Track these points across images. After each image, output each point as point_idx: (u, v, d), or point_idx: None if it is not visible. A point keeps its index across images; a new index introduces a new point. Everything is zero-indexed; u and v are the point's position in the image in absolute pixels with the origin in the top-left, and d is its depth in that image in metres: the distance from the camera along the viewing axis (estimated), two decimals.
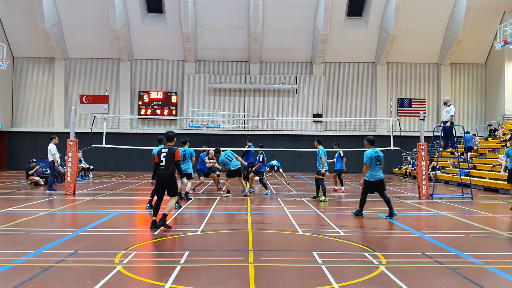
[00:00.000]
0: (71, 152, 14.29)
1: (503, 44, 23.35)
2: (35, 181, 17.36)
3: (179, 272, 5.49)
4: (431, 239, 7.60)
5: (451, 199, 14.06)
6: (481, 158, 22.08)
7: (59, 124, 29.35)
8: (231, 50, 29.49)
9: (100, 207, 11.50)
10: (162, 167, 8.23)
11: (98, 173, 25.50)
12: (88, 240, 7.32)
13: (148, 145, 27.23)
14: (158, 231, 8.10)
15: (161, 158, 8.24)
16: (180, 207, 11.23)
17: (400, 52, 29.18)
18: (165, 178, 8.23)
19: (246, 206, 11.70)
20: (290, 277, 5.36)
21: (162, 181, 8.26)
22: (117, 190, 15.87)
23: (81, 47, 29.16)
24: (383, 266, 5.81)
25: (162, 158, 8.24)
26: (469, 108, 30.30)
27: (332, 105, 30.23)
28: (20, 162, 28.92)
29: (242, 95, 29.72)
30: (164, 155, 8.25)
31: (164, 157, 8.23)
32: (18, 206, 11.43)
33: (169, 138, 8.51)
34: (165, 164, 8.21)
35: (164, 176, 8.23)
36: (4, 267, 5.59)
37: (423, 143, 14.26)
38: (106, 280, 5.11)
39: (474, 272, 5.65)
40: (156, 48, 29.36)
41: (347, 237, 7.67)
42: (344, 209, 11.64)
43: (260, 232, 8.16)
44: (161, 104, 29.59)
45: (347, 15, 28.39)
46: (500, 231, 8.51)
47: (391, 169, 29.10)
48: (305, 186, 18.45)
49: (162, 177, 8.24)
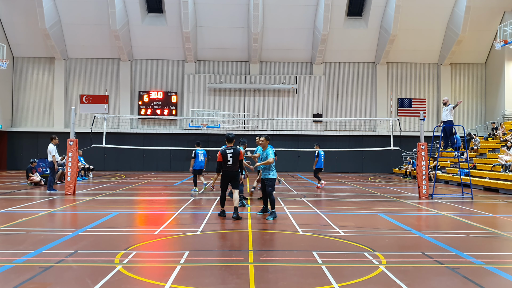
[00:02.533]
0: (71, 152, 14.29)
1: (503, 44, 23.34)
2: (36, 181, 17.36)
3: (179, 272, 5.49)
4: (431, 239, 7.60)
5: (451, 199, 14.05)
6: (481, 158, 22.09)
7: (59, 124, 29.35)
8: (231, 50, 29.49)
9: (100, 207, 11.50)
10: (230, 165, 9.57)
11: (98, 173, 25.49)
12: (88, 240, 7.32)
13: (148, 145, 27.32)
14: (158, 231, 8.11)
15: (228, 158, 9.55)
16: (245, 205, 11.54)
17: (400, 52, 29.18)
18: (232, 174, 9.63)
19: (246, 206, 11.69)
20: (290, 277, 5.36)
21: (229, 176, 9.64)
22: (117, 190, 15.87)
23: (81, 47, 29.16)
24: (383, 266, 5.82)
25: (229, 158, 9.56)
26: (469, 108, 30.29)
27: (332, 105, 30.23)
28: (20, 162, 28.92)
29: (242, 95, 29.72)
30: (231, 155, 9.55)
31: (231, 156, 9.56)
32: (18, 206, 11.43)
33: (229, 140, 9.82)
34: (232, 162, 9.56)
35: (231, 172, 9.62)
36: (4, 267, 5.59)
37: (423, 143, 14.26)
38: (106, 280, 5.11)
39: (474, 272, 5.65)
40: (156, 48, 29.36)
41: (347, 237, 7.67)
42: (344, 209, 11.63)
43: (260, 232, 8.16)
44: (161, 104, 29.58)
45: (347, 15, 28.39)
46: (500, 231, 8.51)
47: (391, 169, 29.11)
48: (305, 186, 18.43)
49: (229, 173, 9.62)
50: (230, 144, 9.78)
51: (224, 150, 9.67)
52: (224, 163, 9.60)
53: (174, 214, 10.16)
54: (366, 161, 29.70)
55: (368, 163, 29.70)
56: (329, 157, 28.88)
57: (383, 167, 29.50)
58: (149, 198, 14.31)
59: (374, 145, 24.40)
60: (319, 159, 17.33)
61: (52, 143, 14.88)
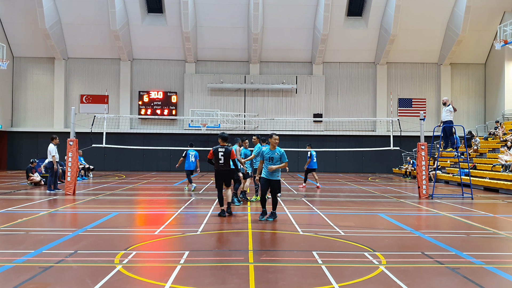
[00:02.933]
0: (71, 152, 14.29)
1: (503, 44, 23.34)
2: (36, 181, 17.36)
3: (179, 272, 5.49)
4: (431, 239, 7.60)
5: (451, 199, 14.05)
6: (481, 158, 22.09)
7: (59, 124, 29.35)
8: (231, 50, 29.49)
9: (100, 207, 11.50)
10: (221, 164, 9.72)
11: (98, 173, 25.49)
12: (88, 240, 7.32)
13: (148, 145, 27.31)
14: (158, 231, 8.11)
15: (219, 156, 9.69)
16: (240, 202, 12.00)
17: (400, 52, 29.18)
18: (224, 172, 9.80)
19: (246, 206, 11.70)
20: (290, 277, 5.36)
21: (222, 175, 9.80)
22: (117, 190, 15.87)
23: (81, 47, 29.16)
24: (383, 266, 5.81)
25: (220, 156, 9.69)
26: (469, 108, 30.30)
27: (332, 105, 30.23)
28: (20, 162, 28.91)
29: (242, 95, 29.72)
30: (222, 153, 9.69)
31: (222, 155, 9.69)
32: (18, 206, 11.43)
33: (224, 139, 9.96)
34: (224, 161, 9.71)
35: (223, 171, 9.78)
36: (4, 267, 5.59)
37: (423, 143, 14.26)
38: (106, 280, 5.11)
39: (474, 272, 5.65)
40: (156, 48, 29.36)
41: (347, 237, 7.66)
42: (344, 209, 11.63)
43: (260, 232, 8.16)
44: (161, 104, 29.59)
45: (347, 15, 28.39)
46: (500, 231, 8.51)
47: (391, 169, 29.11)
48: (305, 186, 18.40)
49: (222, 172, 9.78)
50: (224, 143, 9.94)
51: (216, 148, 9.84)
52: (216, 162, 9.76)
53: (174, 214, 10.16)
54: (366, 161, 29.70)
55: (368, 163, 29.70)
56: (329, 157, 28.95)
57: (383, 167, 29.50)
58: (149, 198, 14.31)
59: (374, 145, 24.38)
60: (312, 160, 17.58)
61: (52, 143, 14.88)
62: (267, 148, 9.38)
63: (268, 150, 9.32)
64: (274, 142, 9.25)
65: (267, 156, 9.27)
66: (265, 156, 9.31)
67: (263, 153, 9.37)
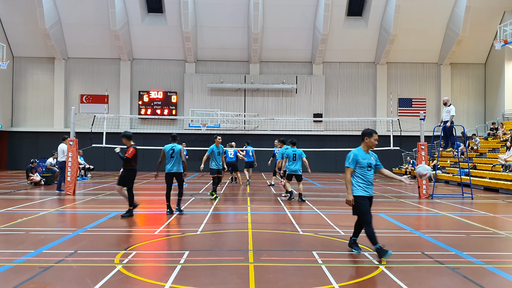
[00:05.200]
0: (71, 152, 14.30)
1: (503, 44, 23.34)
2: (36, 181, 17.36)
3: (179, 272, 5.49)
4: (431, 239, 7.60)
5: (451, 199, 14.06)
6: (481, 158, 22.09)
7: (59, 124, 29.35)
8: (231, 50, 29.49)
9: (100, 207, 11.51)
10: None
11: (98, 173, 25.49)
12: (88, 240, 7.32)
13: (148, 145, 27.27)
14: (158, 231, 8.11)
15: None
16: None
17: (400, 52, 29.17)
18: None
19: (246, 206, 11.70)
20: (290, 277, 5.36)
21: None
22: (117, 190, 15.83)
23: (81, 47, 29.16)
24: (383, 266, 5.82)
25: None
26: (469, 108, 30.29)
27: (332, 105, 30.23)
28: (20, 162, 28.90)
29: (242, 95, 29.72)
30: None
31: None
32: (18, 206, 11.43)
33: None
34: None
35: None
36: (4, 267, 5.59)
37: (423, 143, 14.26)
38: (106, 280, 5.12)
39: (474, 272, 5.65)
40: (156, 48, 29.36)
41: (347, 237, 7.65)
42: (345, 209, 11.62)
43: (260, 232, 8.16)
44: (161, 104, 29.58)
45: (347, 15, 28.39)
46: (500, 231, 8.51)
47: (391, 169, 29.10)
48: (305, 186, 18.40)
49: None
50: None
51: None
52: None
53: (174, 214, 10.16)
54: None
55: None
56: (329, 157, 28.94)
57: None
58: (149, 198, 14.31)
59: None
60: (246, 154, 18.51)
61: (64, 143, 14.91)
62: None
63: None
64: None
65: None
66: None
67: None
